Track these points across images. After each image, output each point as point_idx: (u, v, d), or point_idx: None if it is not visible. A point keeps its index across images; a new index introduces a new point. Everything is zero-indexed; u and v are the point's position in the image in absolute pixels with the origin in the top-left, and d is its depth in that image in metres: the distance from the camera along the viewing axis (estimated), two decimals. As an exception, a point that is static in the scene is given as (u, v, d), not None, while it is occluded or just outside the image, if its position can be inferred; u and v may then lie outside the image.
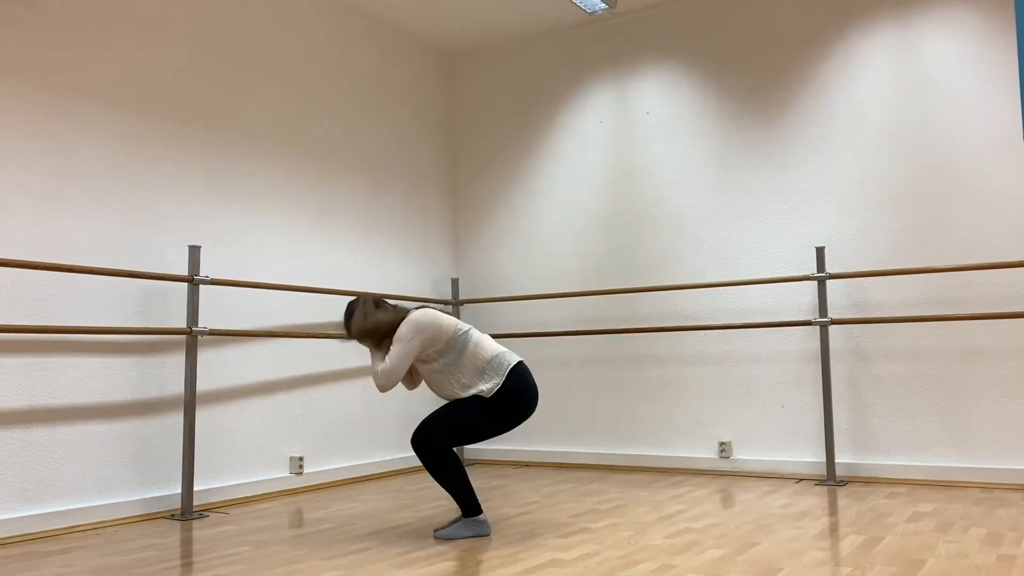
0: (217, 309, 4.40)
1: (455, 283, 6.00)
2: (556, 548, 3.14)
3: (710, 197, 5.31)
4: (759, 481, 4.75)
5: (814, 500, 4.09)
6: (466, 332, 3.42)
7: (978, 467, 4.44)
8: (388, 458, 5.42)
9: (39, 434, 3.63)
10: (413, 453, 5.61)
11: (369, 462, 5.26)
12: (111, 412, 3.91)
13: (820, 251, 4.72)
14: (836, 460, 4.75)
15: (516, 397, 3.36)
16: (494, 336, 5.75)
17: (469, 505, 3.39)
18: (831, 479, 4.61)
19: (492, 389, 3.32)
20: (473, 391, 3.34)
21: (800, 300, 4.97)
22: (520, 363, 3.44)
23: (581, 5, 5.42)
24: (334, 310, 5.13)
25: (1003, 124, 4.53)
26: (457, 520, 3.41)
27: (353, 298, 3.70)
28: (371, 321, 3.40)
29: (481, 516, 3.40)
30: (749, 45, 5.26)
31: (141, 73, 4.16)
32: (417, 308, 3.46)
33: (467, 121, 6.29)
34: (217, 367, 4.41)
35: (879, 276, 4.72)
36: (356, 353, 5.25)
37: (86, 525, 3.74)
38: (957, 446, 4.51)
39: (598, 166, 5.72)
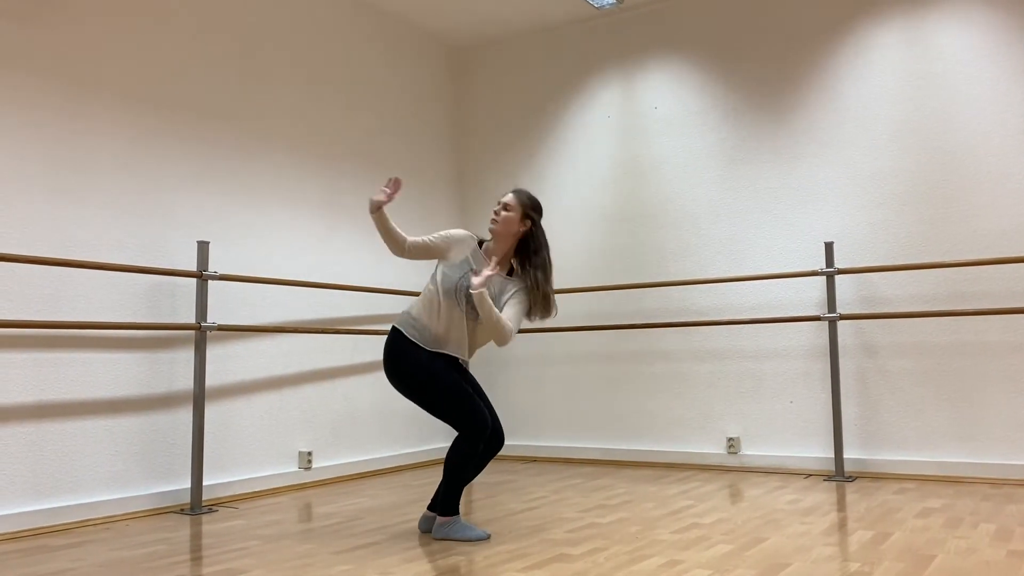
0: (226, 304, 4.41)
1: (463, 278, 6.00)
2: (564, 543, 3.14)
3: (718, 192, 5.29)
4: (767, 476, 4.74)
5: (822, 496, 4.08)
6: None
7: (988, 463, 4.42)
8: (396, 453, 5.42)
9: (49, 429, 3.65)
10: (421, 448, 5.63)
11: (377, 457, 5.28)
12: (121, 407, 3.93)
13: (829, 246, 4.70)
14: (845, 456, 4.74)
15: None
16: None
17: (453, 503, 3.25)
18: (839, 475, 4.60)
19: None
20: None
21: (809, 295, 4.96)
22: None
23: (589, 0, 5.40)
24: (342, 305, 5.13)
25: (1014, 118, 4.50)
26: (448, 522, 3.26)
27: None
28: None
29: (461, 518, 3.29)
30: (758, 39, 5.24)
31: (150, 69, 4.17)
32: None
33: (475, 116, 6.29)
34: (226, 362, 4.42)
35: (888, 271, 4.70)
36: (365, 348, 5.26)
37: (96, 519, 3.76)
38: (966, 442, 4.49)
39: (606, 161, 5.71)
